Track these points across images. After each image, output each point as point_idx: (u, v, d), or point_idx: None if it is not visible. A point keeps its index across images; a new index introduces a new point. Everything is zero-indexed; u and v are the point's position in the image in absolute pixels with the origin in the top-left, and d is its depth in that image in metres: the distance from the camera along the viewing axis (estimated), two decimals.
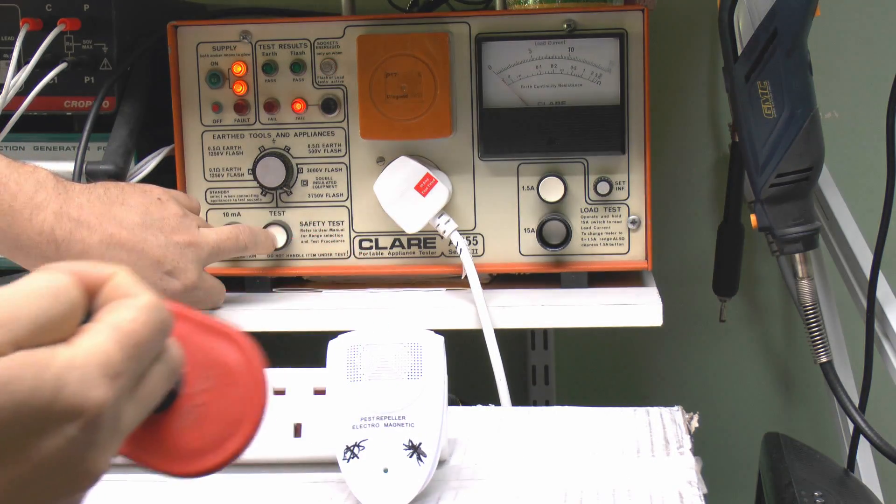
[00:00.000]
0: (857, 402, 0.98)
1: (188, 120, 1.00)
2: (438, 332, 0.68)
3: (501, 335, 0.92)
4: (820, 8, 0.89)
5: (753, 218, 0.93)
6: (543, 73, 0.96)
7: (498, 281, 1.01)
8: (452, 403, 0.85)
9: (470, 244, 0.99)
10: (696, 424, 0.77)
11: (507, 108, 0.97)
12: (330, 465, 0.68)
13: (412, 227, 0.95)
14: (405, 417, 0.65)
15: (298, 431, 0.72)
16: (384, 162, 0.98)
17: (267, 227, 1.00)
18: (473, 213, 0.99)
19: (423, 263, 1.00)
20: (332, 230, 1.01)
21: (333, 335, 0.67)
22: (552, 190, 0.97)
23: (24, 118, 0.99)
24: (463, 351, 0.90)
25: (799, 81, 0.89)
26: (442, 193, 0.95)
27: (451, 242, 0.96)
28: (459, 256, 0.95)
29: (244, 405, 0.49)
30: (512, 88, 0.97)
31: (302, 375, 0.73)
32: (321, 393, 0.71)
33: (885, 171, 0.94)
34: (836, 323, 1.16)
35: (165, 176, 1.01)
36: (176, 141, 1.00)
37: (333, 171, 1.00)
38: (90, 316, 0.44)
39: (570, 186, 0.97)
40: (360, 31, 0.98)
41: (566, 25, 0.96)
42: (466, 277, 0.94)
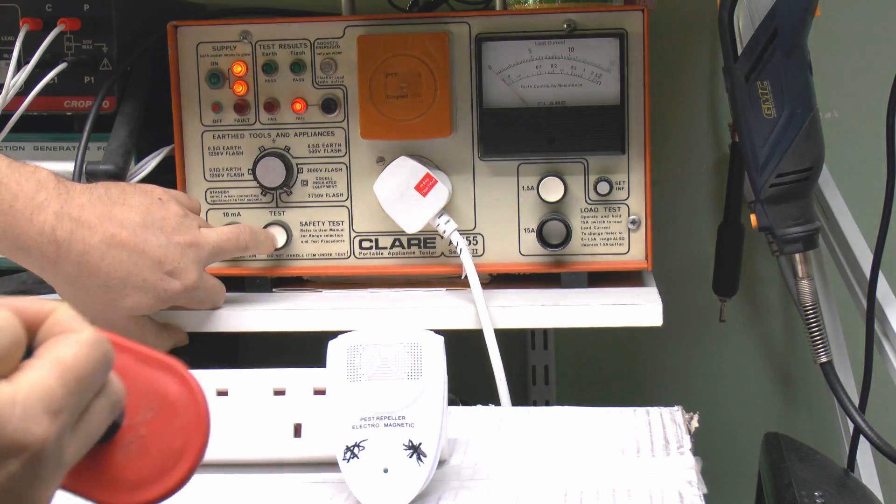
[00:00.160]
0: (857, 402, 0.98)
1: (188, 120, 1.00)
2: (438, 332, 0.68)
3: (501, 335, 0.92)
4: (820, 8, 0.89)
5: (753, 218, 0.93)
6: (543, 73, 0.96)
7: (498, 281, 1.01)
8: (452, 403, 0.85)
9: (470, 244, 0.99)
10: (696, 424, 0.77)
11: (507, 108, 0.97)
12: (330, 465, 0.68)
13: (412, 227, 0.95)
14: (405, 417, 0.65)
15: (298, 431, 0.72)
16: (384, 162, 0.98)
17: (267, 227, 1.00)
18: (473, 213, 0.99)
19: (423, 263, 1.00)
20: (332, 230, 1.01)
21: (333, 335, 0.67)
22: (552, 190, 0.97)
23: (24, 118, 0.99)
24: (463, 351, 0.90)
25: (799, 81, 0.89)
26: (442, 193, 0.95)
27: (451, 242, 0.96)
28: (459, 256, 0.95)
29: (186, 436, 0.49)
30: (512, 88, 0.97)
31: (302, 375, 0.73)
32: (321, 393, 0.71)
33: (885, 171, 0.94)
34: (836, 323, 1.16)
35: (165, 176, 1.01)
36: (176, 141, 1.00)
37: (333, 171, 1.00)
38: (32, 352, 0.44)
39: (570, 186, 0.97)
40: (360, 31, 0.98)
41: (566, 25, 0.96)
42: (466, 277, 0.94)
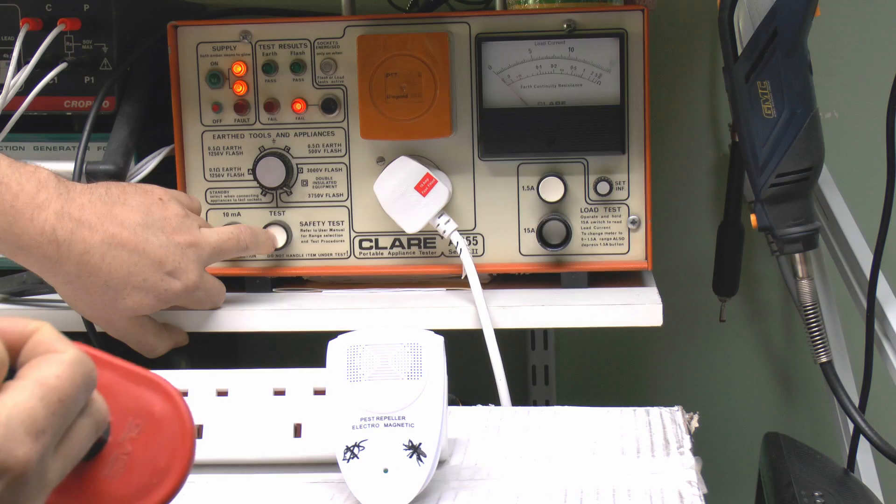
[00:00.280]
0: (857, 402, 0.98)
1: (188, 120, 1.00)
2: (438, 332, 0.68)
3: (501, 335, 0.92)
4: (820, 8, 0.89)
5: (753, 218, 0.93)
6: (543, 73, 0.96)
7: (498, 281, 1.01)
8: (452, 403, 0.85)
9: (470, 244, 0.99)
10: (696, 424, 0.77)
11: (507, 108, 0.97)
12: (330, 465, 0.68)
13: (412, 227, 0.96)
14: (405, 417, 0.65)
15: (298, 431, 0.72)
16: (384, 162, 0.98)
17: (267, 227, 1.00)
18: (473, 213, 0.99)
19: (423, 263, 1.00)
20: (332, 230, 1.01)
21: (333, 335, 0.67)
22: (552, 190, 0.97)
23: (24, 118, 0.99)
24: (463, 351, 0.90)
25: (799, 81, 0.89)
26: (442, 193, 0.95)
27: (451, 242, 0.96)
28: (459, 256, 0.95)
29: (171, 453, 0.49)
30: (512, 88, 0.97)
31: (302, 375, 0.73)
32: (321, 393, 0.72)
33: (885, 171, 0.94)
34: (836, 323, 1.16)
35: (165, 176, 1.01)
36: (176, 141, 1.00)
37: (333, 171, 1.00)
38: (14, 372, 0.44)
39: (570, 186, 0.97)
40: (360, 31, 0.98)
41: (566, 25, 0.96)
42: (466, 277, 0.94)
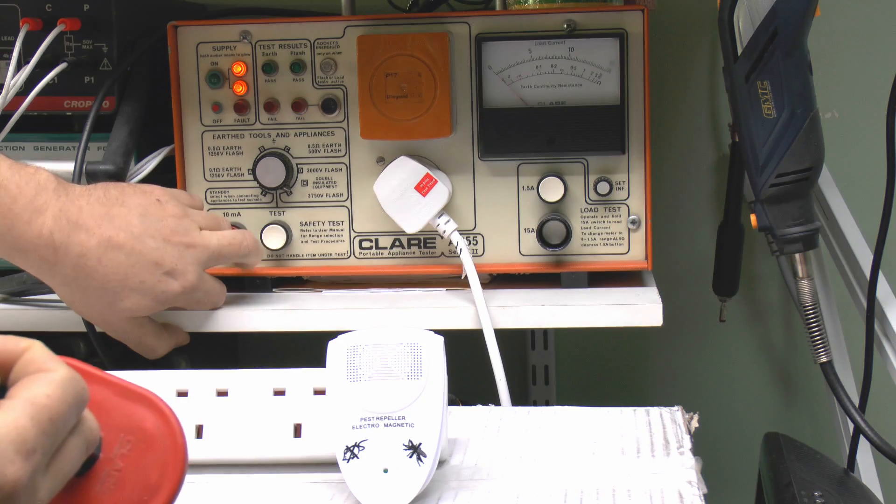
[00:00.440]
0: (857, 402, 0.98)
1: (188, 120, 1.00)
2: (438, 332, 0.68)
3: (501, 335, 0.92)
4: (820, 8, 0.89)
5: (753, 218, 0.93)
6: (543, 73, 0.96)
7: (498, 281, 1.01)
8: (452, 403, 0.85)
9: (470, 244, 0.99)
10: (696, 424, 0.77)
11: (507, 108, 0.97)
12: (330, 465, 0.68)
13: (412, 227, 0.95)
14: (405, 417, 0.65)
15: (298, 431, 0.72)
16: (384, 162, 0.98)
17: (267, 227, 1.00)
18: (473, 213, 0.99)
19: (423, 263, 1.00)
20: (332, 230, 1.01)
21: (333, 335, 0.67)
22: (552, 190, 0.97)
23: (24, 118, 0.99)
24: (463, 351, 0.90)
25: (799, 81, 0.89)
26: (442, 193, 0.95)
27: (451, 242, 0.96)
28: (459, 256, 0.95)
29: (162, 469, 0.49)
30: (512, 88, 0.97)
31: (302, 375, 0.73)
32: (321, 393, 0.71)
33: (885, 171, 0.94)
34: (836, 323, 1.16)
35: (165, 176, 1.01)
36: (176, 141, 1.00)
37: (333, 171, 1.00)
38: (5, 391, 0.44)
39: (570, 186, 0.97)
40: (360, 31, 0.98)
41: (566, 25, 0.96)
42: (466, 277, 0.94)
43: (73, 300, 0.88)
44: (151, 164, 1.01)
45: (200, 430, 0.72)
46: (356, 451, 0.65)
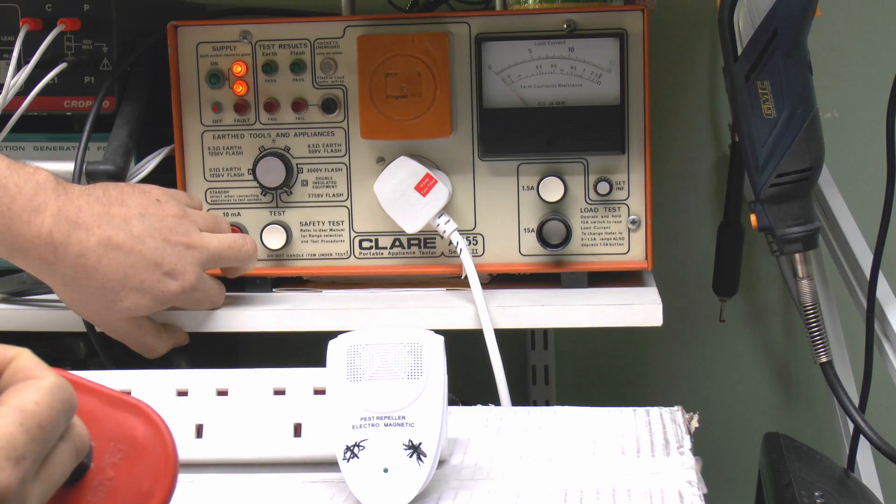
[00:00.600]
0: (857, 402, 0.98)
1: (188, 120, 1.00)
2: (438, 332, 0.68)
3: (501, 335, 0.92)
4: (820, 8, 0.89)
5: (753, 218, 0.93)
6: (543, 73, 0.96)
7: (498, 281, 1.01)
8: (452, 403, 0.85)
9: (470, 244, 0.99)
10: (696, 424, 0.77)
11: (507, 108, 0.97)
12: (330, 465, 0.68)
13: (412, 227, 0.95)
14: (405, 417, 0.65)
15: (298, 431, 0.72)
16: (384, 162, 0.98)
17: (267, 227, 1.00)
18: (473, 213, 0.99)
19: (423, 263, 1.00)
20: (332, 230, 1.01)
21: (333, 335, 0.67)
22: (552, 190, 0.97)
23: (24, 118, 0.99)
24: (463, 351, 0.90)
25: (799, 81, 0.89)
26: (442, 193, 0.95)
27: (451, 242, 0.96)
28: (459, 256, 0.95)
29: (154, 478, 0.49)
30: (512, 88, 0.97)
31: (302, 375, 0.73)
32: (321, 393, 0.71)
33: (885, 171, 0.94)
34: (836, 323, 1.16)
35: (165, 176, 1.01)
36: (176, 141, 1.00)
37: (333, 171, 1.00)
38: None
39: (570, 186, 0.97)
40: (360, 31, 0.98)
41: (566, 25, 0.96)
42: (466, 277, 0.94)
43: (72, 300, 0.88)
44: (151, 164, 1.01)
45: (200, 429, 0.72)
46: (356, 450, 0.65)
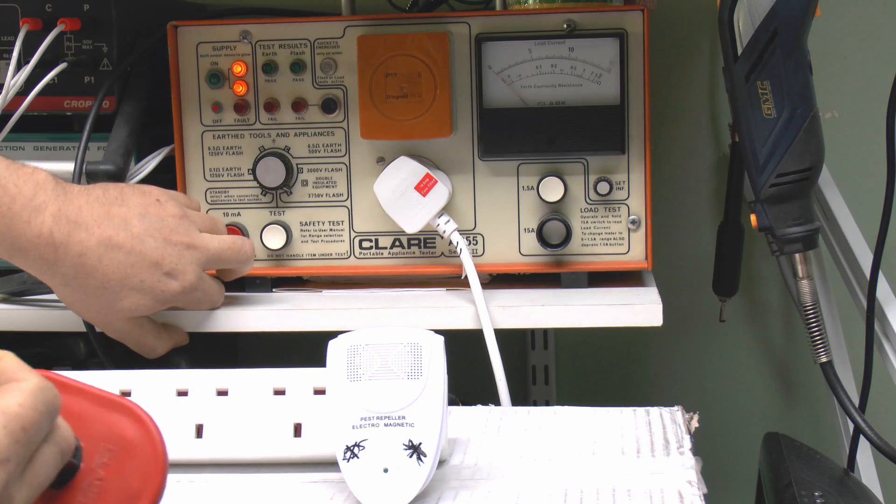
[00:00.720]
0: (857, 402, 0.98)
1: (188, 120, 1.00)
2: (438, 332, 0.68)
3: (501, 335, 0.92)
4: (820, 8, 0.89)
5: (753, 218, 0.93)
6: (543, 73, 0.96)
7: (498, 281, 1.01)
8: (452, 403, 0.85)
9: (470, 244, 0.99)
10: (696, 424, 0.77)
11: (507, 108, 0.97)
12: (330, 465, 0.68)
13: (412, 227, 0.95)
14: (405, 417, 0.65)
15: (298, 431, 0.72)
16: (384, 162, 0.98)
17: (267, 227, 1.00)
18: (473, 213, 0.99)
19: (423, 263, 1.00)
20: (332, 230, 1.01)
21: (333, 335, 0.67)
22: (552, 190, 0.97)
23: (24, 118, 0.99)
24: (463, 351, 0.90)
25: (799, 81, 0.89)
26: (442, 193, 0.95)
27: (451, 242, 0.96)
28: (459, 256, 0.95)
29: (143, 478, 0.49)
30: (512, 88, 0.97)
31: (302, 375, 0.73)
32: (321, 393, 0.71)
33: (885, 171, 0.94)
34: (836, 323, 1.16)
35: (165, 176, 1.01)
36: (176, 141, 1.00)
37: (333, 171, 1.00)
38: None
39: (570, 186, 0.97)
40: (360, 31, 0.98)
41: (566, 25, 0.96)
42: (466, 277, 0.94)
43: (72, 300, 0.88)
44: (151, 164, 1.01)
45: (200, 429, 0.72)
46: (356, 450, 0.65)
